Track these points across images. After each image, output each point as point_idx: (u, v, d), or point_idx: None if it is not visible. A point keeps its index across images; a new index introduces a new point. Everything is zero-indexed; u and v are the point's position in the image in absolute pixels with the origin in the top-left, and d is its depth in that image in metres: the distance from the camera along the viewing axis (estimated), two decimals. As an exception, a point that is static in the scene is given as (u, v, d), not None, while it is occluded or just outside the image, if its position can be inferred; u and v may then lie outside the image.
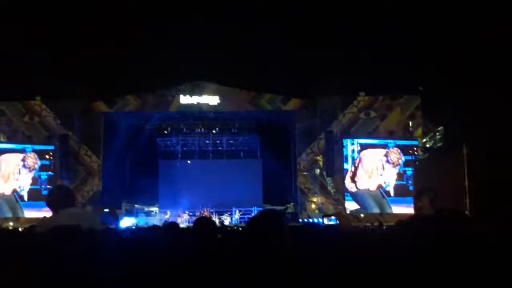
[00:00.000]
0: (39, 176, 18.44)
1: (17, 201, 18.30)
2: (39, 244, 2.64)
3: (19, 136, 18.86)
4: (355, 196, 17.88)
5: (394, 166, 17.74)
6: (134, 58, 17.43)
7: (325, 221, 15.50)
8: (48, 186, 17.81)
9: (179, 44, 17.12)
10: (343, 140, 18.14)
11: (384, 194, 17.72)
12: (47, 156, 18.57)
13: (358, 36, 16.87)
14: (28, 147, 18.57)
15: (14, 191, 18.35)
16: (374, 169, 17.87)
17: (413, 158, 17.58)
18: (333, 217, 15.22)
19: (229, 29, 17.38)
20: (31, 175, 18.41)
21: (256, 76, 18.60)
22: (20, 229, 8.04)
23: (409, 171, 17.48)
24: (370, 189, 17.83)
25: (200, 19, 17.03)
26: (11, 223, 17.31)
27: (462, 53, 14.43)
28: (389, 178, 17.75)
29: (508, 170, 10.59)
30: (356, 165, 17.99)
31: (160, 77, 18.40)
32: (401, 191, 17.39)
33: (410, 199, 16.27)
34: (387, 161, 17.75)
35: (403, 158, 17.70)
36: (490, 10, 13.07)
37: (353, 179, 17.97)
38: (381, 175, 17.84)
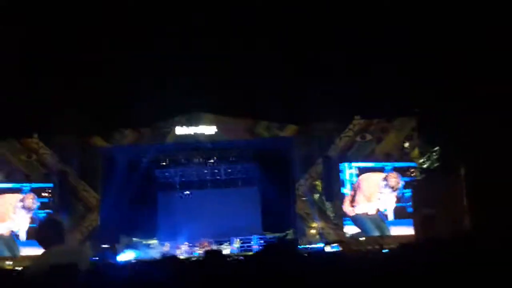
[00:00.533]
0: (37, 215, 18.17)
1: (14, 240, 18.08)
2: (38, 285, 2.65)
3: (17, 175, 18.82)
4: (354, 220, 17.80)
5: (393, 191, 17.72)
6: (130, 93, 17.55)
7: (328, 248, 15.48)
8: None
9: (174, 76, 17.29)
10: (340, 164, 18.15)
11: (383, 217, 17.65)
12: (45, 194, 18.42)
13: (350, 60, 17.09)
14: (26, 186, 18.45)
15: (11, 231, 18.16)
16: (373, 193, 17.84)
17: (411, 180, 17.58)
18: (335, 244, 15.24)
19: (222, 58, 17.58)
20: (29, 215, 18.26)
21: (251, 104, 18.74)
22: (18, 269, 7.99)
23: (408, 193, 17.45)
24: (369, 213, 17.77)
25: (193, 49, 17.24)
26: (9, 262, 17.13)
27: (458, 74, 14.61)
28: (388, 203, 17.71)
29: (505, 187, 10.64)
30: (355, 189, 17.96)
31: (156, 109, 18.50)
32: (399, 213, 17.34)
33: (409, 221, 16.31)
34: (386, 186, 17.74)
35: (402, 182, 17.69)
36: (490, 29, 13.26)
37: (352, 203, 17.93)
38: (379, 199, 17.80)
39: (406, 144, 18.45)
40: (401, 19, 15.75)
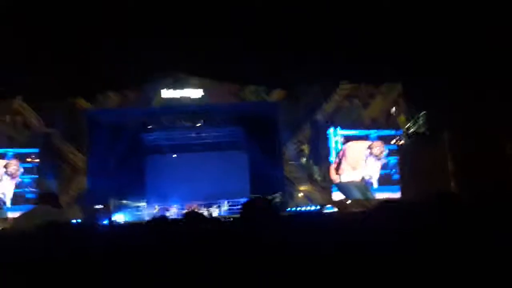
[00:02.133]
0: (22, 180, 18.02)
1: (0, 207, 17.98)
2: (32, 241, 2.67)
3: (2, 138, 18.60)
4: (340, 187, 17.98)
5: (378, 159, 17.87)
6: (115, 54, 17.26)
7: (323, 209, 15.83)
8: (32, 189, 17.60)
9: (160, 38, 17.02)
10: (327, 130, 18.20)
11: (368, 184, 17.86)
12: (29, 159, 18.18)
13: (339, 25, 16.92)
14: (9, 151, 18.20)
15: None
16: (358, 162, 17.97)
17: (397, 148, 17.72)
18: (329, 206, 15.38)
19: (209, 22, 17.30)
20: (14, 181, 18.06)
21: (238, 68, 18.57)
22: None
23: (393, 159, 17.61)
24: (355, 180, 17.96)
25: (181, 13, 16.93)
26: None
27: (445, 42, 14.56)
28: (372, 171, 17.89)
29: (488, 152, 10.81)
30: (340, 158, 18.07)
31: (141, 72, 18.27)
32: (384, 180, 17.55)
33: (395, 187, 16.61)
34: (370, 154, 17.87)
35: (386, 151, 17.82)
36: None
37: (337, 171, 18.08)
38: (364, 167, 17.96)
39: (393, 109, 18.54)
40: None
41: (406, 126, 18.52)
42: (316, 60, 16.80)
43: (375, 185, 17.76)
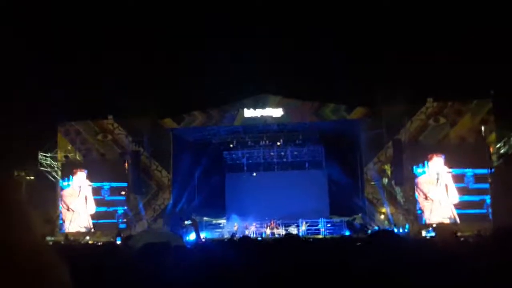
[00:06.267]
0: (116, 211, 18.80)
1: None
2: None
3: (93, 153, 19.78)
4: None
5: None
6: (199, 75, 17.87)
7: (423, 233, 15.20)
8: (124, 220, 18.54)
9: (242, 59, 17.43)
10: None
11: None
12: (123, 192, 18.94)
13: (424, 40, 16.49)
14: (106, 185, 18.93)
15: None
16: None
17: (489, 187, 16.62)
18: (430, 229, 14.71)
19: (290, 41, 17.48)
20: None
21: (319, 86, 18.56)
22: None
23: (488, 199, 16.48)
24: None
25: (262, 33, 17.27)
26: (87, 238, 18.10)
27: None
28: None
29: None
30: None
31: (225, 92, 18.76)
32: (479, 219, 16.10)
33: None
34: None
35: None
36: None
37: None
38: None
39: (483, 128, 17.56)
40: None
41: (497, 146, 17.50)
42: (400, 77, 16.39)
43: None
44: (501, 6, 15.00)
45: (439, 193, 17.08)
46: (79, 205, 18.91)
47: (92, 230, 18.67)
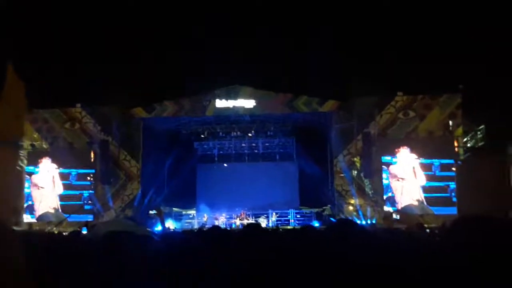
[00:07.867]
0: (82, 194, 18.62)
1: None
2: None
3: (61, 142, 19.35)
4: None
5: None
6: (171, 65, 17.65)
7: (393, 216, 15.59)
8: (89, 202, 18.35)
9: (215, 49, 17.28)
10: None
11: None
12: (88, 178, 18.78)
13: (394, 35, 16.66)
14: (73, 171, 18.67)
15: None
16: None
17: (455, 174, 17.08)
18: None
19: (264, 32, 17.41)
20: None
21: (292, 78, 18.57)
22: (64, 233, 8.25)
23: (453, 184, 17.00)
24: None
25: (235, 23, 17.15)
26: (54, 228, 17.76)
27: (504, 50, 14.03)
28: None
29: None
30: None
31: (196, 82, 18.57)
32: (444, 203, 16.89)
33: (453, 208, 16.15)
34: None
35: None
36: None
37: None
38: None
39: (450, 122, 17.92)
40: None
41: (464, 140, 17.89)
42: (371, 70, 16.54)
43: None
44: (472, 2, 15.24)
45: (408, 173, 17.46)
46: (47, 184, 18.67)
47: (59, 210, 18.37)
